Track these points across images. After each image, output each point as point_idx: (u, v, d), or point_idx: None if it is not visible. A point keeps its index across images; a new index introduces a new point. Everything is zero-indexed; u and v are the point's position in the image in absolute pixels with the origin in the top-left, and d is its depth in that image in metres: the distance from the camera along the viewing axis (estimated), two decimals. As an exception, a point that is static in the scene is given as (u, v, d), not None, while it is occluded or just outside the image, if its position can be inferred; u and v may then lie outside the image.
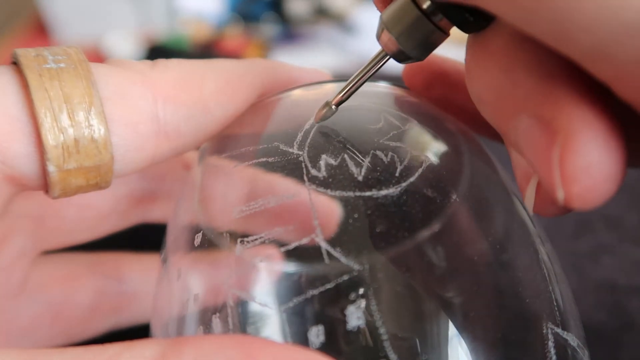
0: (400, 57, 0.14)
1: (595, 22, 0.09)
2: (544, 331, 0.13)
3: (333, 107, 0.15)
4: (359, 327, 0.12)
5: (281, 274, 0.13)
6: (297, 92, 0.17)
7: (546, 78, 0.11)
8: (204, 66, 0.16)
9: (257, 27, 1.07)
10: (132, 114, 0.15)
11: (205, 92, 0.16)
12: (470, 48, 0.13)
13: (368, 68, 0.15)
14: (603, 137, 0.10)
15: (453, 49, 0.16)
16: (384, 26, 0.13)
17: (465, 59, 0.13)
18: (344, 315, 0.12)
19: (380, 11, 0.14)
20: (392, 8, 0.13)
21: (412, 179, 0.14)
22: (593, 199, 0.10)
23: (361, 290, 0.12)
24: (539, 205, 0.13)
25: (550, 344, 0.13)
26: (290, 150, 0.14)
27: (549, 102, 0.11)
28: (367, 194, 0.13)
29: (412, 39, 0.13)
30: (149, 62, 0.16)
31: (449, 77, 0.17)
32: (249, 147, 0.15)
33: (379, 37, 0.14)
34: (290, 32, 1.07)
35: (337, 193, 0.13)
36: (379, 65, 0.15)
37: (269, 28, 1.06)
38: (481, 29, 0.12)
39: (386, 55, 0.14)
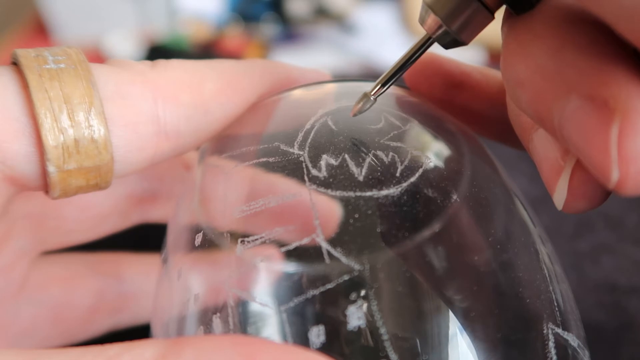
0: (445, 40, 0.14)
1: None
2: (545, 331, 0.13)
3: (372, 98, 0.15)
4: (359, 327, 0.12)
5: (282, 274, 0.13)
6: (297, 92, 0.17)
7: (599, 58, 0.11)
8: (204, 66, 0.16)
9: (257, 27, 1.07)
10: (132, 115, 0.15)
11: (205, 93, 0.16)
12: (511, 31, 0.13)
13: (410, 54, 0.15)
14: None
15: (456, 49, 0.16)
16: (428, 9, 0.13)
17: (505, 43, 0.13)
18: (345, 316, 0.12)
19: None
20: None
21: (412, 179, 0.14)
22: None
23: (362, 291, 0.12)
24: (570, 199, 0.13)
25: (551, 344, 0.13)
26: (291, 150, 0.14)
27: (604, 81, 0.10)
28: (368, 194, 0.13)
29: (458, 20, 0.13)
30: (149, 62, 0.16)
31: (451, 77, 0.17)
32: (249, 147, 0.15)
33: (422, 22, 0.14)
34: (290, 32, 1.07)
35: (338, 193, 0.13)
36: (422, 51, 0.15)
37: (269, 28, 1.06)
38: (528, 8, 0.12)
39: (429, 39, 0.14)
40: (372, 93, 0.15)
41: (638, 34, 0.09)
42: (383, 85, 0.15)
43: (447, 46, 0.14)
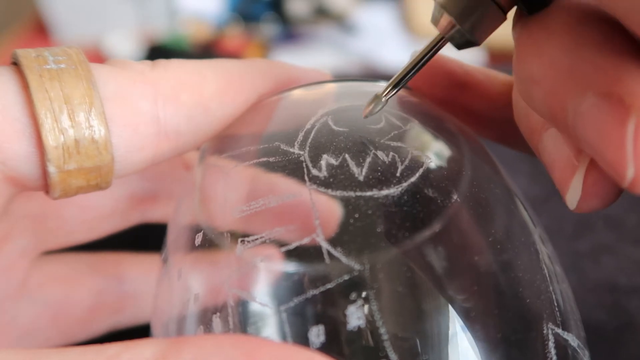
0: (458, 40, 0.14)
1: None
2: (545, 331, 0.13)
3: (383, 99, 0.15)
4: (359, 327, 0.12)
5: (282, 273, 0.13)
6: (297, 92, 0.17)
7: (615, 54, 0.11)
8: (205, 66, 0.16)
9: (257, 27, 1.07)
10: (132, 115, 0.15)
11: (205, 93, 0.16)
12: (525, 29, 0.13)
13: (422, 55, 0.15)
14: None
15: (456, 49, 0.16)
16: (441, 9, 0.13)
17: (518, 41, 0.13)
18: (345, 315, 0.12)
19: None
20: None
21: (413, 179, 0.14)
22: None
23: (362, 291, 0.12)
24: (584, 198, 0.13)
25: (551, 344, 0.13)
26: (291, 150, 0.14)
27: (620, 78, 0.10)
28: (368, 194, 0.13)
29: (471, 19, 0.13)
30: (149, 62, 0.16)
31: (454, 77, 0.17)
32: (249, 147, 0.15)
33: (435, 22, 0.14)
34: (290, 32, 1.07)
35: (338, 193, 0.13)
36: (435, 51, 0.15)
37: (269, 28, 1.06)
38: (541, 8, 0.12)
39: (442, 39, 0.14)
40: (383, 95, 0.15)
41: None
42: (394, 86, 0.15)
43: (459, 47, 0.14)
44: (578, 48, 0.11)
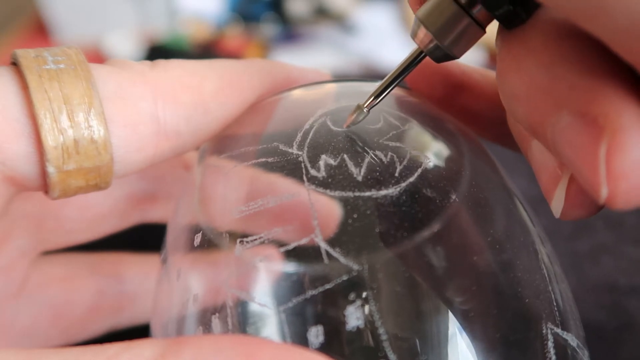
0: (436, 54, 0.14)
1: None
2: (544, 331, 0.13)
3: (365, 110, 0.15)
4: (358, 327, 0.12)
5: (280, 274, 0.13)
6: (297, 92, 0.17)
7: (591, 74, 0.11)
8: (204, 66, 0.16)
9: (257, 27, 1.07)
10: (132, 115, 0.15)
11: (205, 93, 0.16)
12: (506, 44, 0.13)
13: (402, 67, 0.15)
14: None
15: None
16: (420, 23, 0.14)
17: (500, 56, 0.13)
18: (344, 316, 0.12)
19: (414, 10, 0.14)
20: (428, 5, 0.13)
21: (411, 179, 0.14)
22: (638, 197, 0.10)
23: (360, 291, 0.12)
24: (567, 207, 0.13)
25: (550, 344, 0.13)
26: (290, 150, 0.14)
27: (595, 98, 0.10)
28: (367, 194, 0.13)
29: (450, 35, 0.13)
30: (148, 62, 0.16)
31: (452, 77, 0.17)
32: (248, 147, 0.15)
33: (414, 36, 0.14)
34: (290, 32, 1.07)
35: (337, 193, 0.13)
36: (414, 65, 0.15)
37: (269, 28, 1.07)
38: (519, 23, 0.12)
39: (421, 53, 0.14)
40: (365, 105, 0.15)
41: (635, 53, 0.09)
42: (376, 97, 0.15)
43: (438, 60, 0.14)
44: (555, 66, 0.11)
